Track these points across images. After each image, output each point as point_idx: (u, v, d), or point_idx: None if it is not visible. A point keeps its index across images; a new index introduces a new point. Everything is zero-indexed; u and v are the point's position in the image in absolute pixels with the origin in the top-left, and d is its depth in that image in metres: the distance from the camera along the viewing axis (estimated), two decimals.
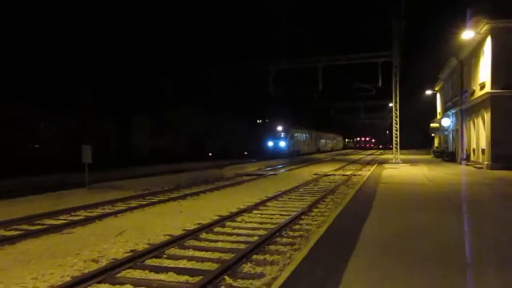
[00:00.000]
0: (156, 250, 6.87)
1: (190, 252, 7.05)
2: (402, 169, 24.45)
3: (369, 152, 72.24)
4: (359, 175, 21.70)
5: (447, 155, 32.54)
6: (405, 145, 73.91)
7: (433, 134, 45.39)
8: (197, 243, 7.65)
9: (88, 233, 8.40)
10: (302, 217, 10.00)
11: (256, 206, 11.50)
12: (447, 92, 36.22)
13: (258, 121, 52.30)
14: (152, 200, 13.00)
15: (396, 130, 29.58)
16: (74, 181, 17.10)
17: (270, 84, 31.69)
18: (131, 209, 11.32)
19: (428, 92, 45.09)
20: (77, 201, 12.59)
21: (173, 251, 7.07)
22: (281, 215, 10.38)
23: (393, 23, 27.62)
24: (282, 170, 26.10)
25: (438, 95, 44.31)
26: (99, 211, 11.28)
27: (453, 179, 18.35)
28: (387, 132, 76.55)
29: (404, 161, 30.89)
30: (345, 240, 6.99)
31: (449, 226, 8.02)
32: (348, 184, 17.87)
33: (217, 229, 8.76)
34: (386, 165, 28.17)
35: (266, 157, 41.58)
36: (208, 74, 33.29)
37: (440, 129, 36.80)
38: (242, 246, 7.34)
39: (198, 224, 9.03)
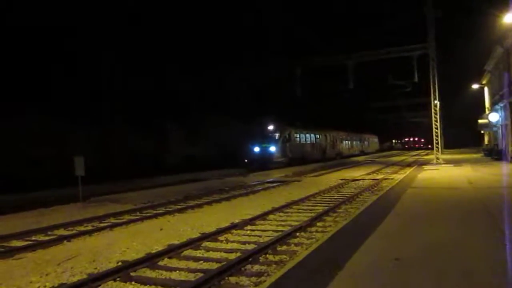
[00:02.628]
0: (86, 284, 5.57)
1: (130, 287, 5.70)
2: (442, 171, 22.10)
3: (415, 152, 68.50)
4: (391, 179, 19.65)
5: (496, 153, 29.52)
6: (454, 144, 69.93)
7: (482, 131, 41.92)
8: (147, 273, 6.31)
9: (36, 259, 7.27)
10: (298, 234, 8.42)
11: (252, 220, 10.02)
12: (495, 84, 33.07)
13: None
14: (145, 215, 11.81)
15: (437, 128, 27.06)
16: (87, 194, 16.27)
17: (297, 85, 30.10)
18: (112, 226, 10.17)
19: (475, 86, 41.70)
20: (65, 217, 11.61)
21: (110, 284, 5.74)
22: (274, 231, 8.86)
23: (427, 12, 25.28)
24: (310, 175, 24.37)
25: (486, 89, 40.88)
26: (79, 228, 10.19)
27: (499, 182, 16.03)
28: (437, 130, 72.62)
29: (448, 162, 28.26)
30: (324, 270, 5.42)
31: (474, 251, 6.18)
32: (374, 189, 15.98)
33: (186, 252, 7.38)
34: (426, 167, 25.77)
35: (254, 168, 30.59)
36: (231, 79, 32.10)
37: (489, 125, 33.63)
38: (200, 274, 5.92)
39: (168, 245, 7.67)
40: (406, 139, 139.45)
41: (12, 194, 17.78)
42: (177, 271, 6.28)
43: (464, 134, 73.30)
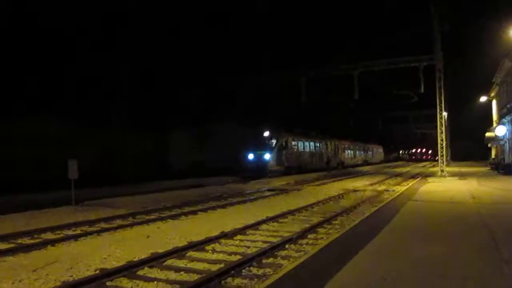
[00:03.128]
0: None
1: None
2: (447, 184, 21.65)
3: (422, 164, 67.81)
4: (393, 190, 19.29)
5: (503, 168, 28.99)
6: (461, 157, 69.15)
7: (489, 145, 41.33)
8: (123, 283, 6.07)
9: (14, 263, 7.07)
10: (287, 246, 8.13)
11: (244, 230, 9.75)
12: (503, 98, 32.61)
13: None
14: (136, 221, 11.59)
15: (442, 140, 26.64)
16: (84, 197, 16.09)
17: (302, 94, 29.84)
18: (100, 231, 9.94)
19: (483, 98, 41.19)
20: (55, 220, 11.43)
21: None
22: (264, 241, 8.58)
23: (434, 23, 24.99)
24: (312, 185, 24.03)
25: (494, 102, 40.35)
26: (66, 232, 10.00)
27: (503, 197, 15.53)
28: (444, 142, 71.57)
29: (453, 174, 27.81)
30: (307, 285, 5.14)
31: (466, 273, 5.86)
32: (373, 201, 15.63)
33: (169, 261, 7.13)
34: (430, 179, 25.35)
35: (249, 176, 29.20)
36: (237, 87, 31.92)
37: (496, 138, 33.11)
38: (177, 286, 5.66)
39: (152, 254, 7.40)
40: (414, 151, 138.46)
41: (11, 195, 17.64)
42: (155, 282, 6.03)
43: (472, 147, 72.60)
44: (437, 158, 66.32)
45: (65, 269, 6.60)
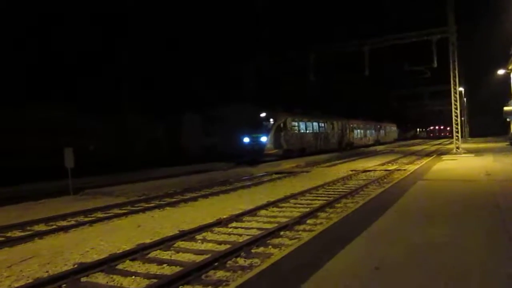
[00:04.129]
0: None
1: None
2: (461, 161, 20.87)
3: (439, 141, 66.27)
4: (404, 169, 18.62)
5: None
6: (480, 133, 67.48)
7: (508, 119, 39.96)
8: (99, 279, 5.72)
9: None
10: (282, 232, 7.69)
11: (240, 216, 9.34)
12: None
13: None
14: (133, 209, 11.27)
15: (456, 116, 25.69)
16: (85, 186, 15.91)
17: (310, 71, 29.05)
18: (94, 221, 9.65)
19: (501, 71, 39.64)
20: (51, 211, 11.16)
21: None
22: (259, 229, 8.15)
23: None
24: (322, 166, 23.49)
25: None
26: (60, 223, 9.72)
27: None
28: (462, 119, 69.51)
29: (469, 151, 26.91)
30: (291, 278, 4.72)
31: (469, 259, 5.33)
32: (383, 182, 15.07)
33: (154, 253, 6.76)
34: (445, 157, 24.55)
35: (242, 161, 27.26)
36: (242, 67, 31.20)
37: None
38: (155, 281, 5.27)
39: (138, 245, 7.04)
40: (431, 128, 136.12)
41: (16, 185, 17.52)
42: (132, 277, 5.66)
43: (492, 122, 70.79)
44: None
45: (42, 264, 6.27)
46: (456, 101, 25.43)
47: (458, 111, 25.66)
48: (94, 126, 31.67)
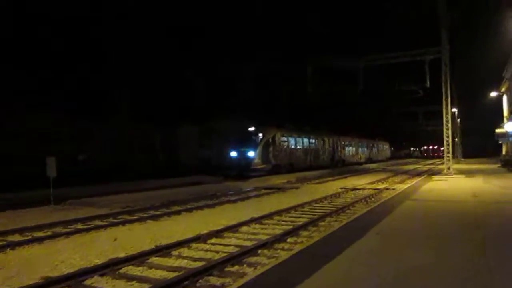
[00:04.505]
0: None
1: None
2: (451, 182, 20.78)
3: (432, 161, 66.42)
4: (393, 189, 18.48)
5: None
6: (473, 154, 67.69)
7: (500, 141, 40.08)
8: None
9: None
10: (260, 251, 7.51)
11: (221, 232, 9.15)
12: None
13: None
14: (114, 221, 11.07)
15: (448, 137, 25.68)
16: (68, 196, 15.64)
17: (309, 83, 29.06)
18: (71, 233, 9.43)
19: (494, 94, 39.96)
20: (28, 221, 10.94)
21: None
22: (237, 246, 7.97)
23: (440, 14, 24.03)
24: (312, 183, 23.35)
25: (504, 97, 39.14)
26: (37, 234, 9.48)
27: (507, 196, 14.70)
28: (456, 139, 69.60)
29: (461, 172, 26.88)
30: None
31: (446, 283, 5.19)
32: (370, 200, 14.92)
33: (125, 269, 6.57)
34: (436, 177, 24.47)
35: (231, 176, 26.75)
36: (240, 79, 31.24)
37: (506, 135, 32.00)
38: None
39: (110, 259, 6.83)
40: (425, 147, 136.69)
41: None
42: None
43: (484, 144, 71.15)
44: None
45: (8, 277, 6.06)
46: (448, 121, 25.45)
47: (450, 132, 25.67)
48: (89, 135, 31.46)
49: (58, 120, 28.71)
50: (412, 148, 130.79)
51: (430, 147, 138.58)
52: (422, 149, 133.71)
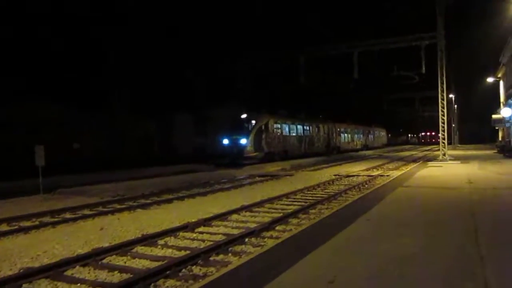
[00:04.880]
0: None
1: None
2: (446, 168, 20.70)
3: (429, 147, 66.36)
4: (387, 175, 18.39)
5: (508, 150, 27.90)
6: (470, 140, 67.68)
7: (496, 127, 40.04)
8: (41, 286, 5.36)
9: None
10: (246, 239, 7.41)
11: (210, 220, 9.04)
12: (509, 78, 31.32)
13: None
14: (103, 210, 10.95)
15: (443, 123, 25.59)
16: (59, 185, 15.51)
17: (301, 74, 28.82)
18: (57, 223, 9.30)
19: (490, 79, 39.76)
20: (17, 210, 10.81)
21: None
22: (224, 234, 7.85)
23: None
24: (307, 170, 23.24)
25: (501, 83, 38.96)
26: (24, 224, 9.37)
27: (502, 182, 14.58)
28: (453, 126, 69.46)
29: (457, 158, 26.83)
30: None
31: (434, 270, 5.09)
32: (363, 187, 14.84)
33: (109, 259, 6.45)
34: (431, 163, 24.41)
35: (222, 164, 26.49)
36: (234, 68, 30.87)
37: (502, 120, 31.91)
38: None
39: (94, 249, 6.73)
40: (423, 134, 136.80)
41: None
42: (77, 284, 5.34)
43: (481, 130, 71.11)
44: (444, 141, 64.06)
45: None
46: (443, 107, 25.32)
47: (445, 118, 25.56)
48: (83, 123, 31.29)
49: (52, 109, 28.57)
50: (409, 135, 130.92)
51: (428, 133, 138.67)
52: (420, 135, 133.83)
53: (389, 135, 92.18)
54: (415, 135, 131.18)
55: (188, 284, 5.19)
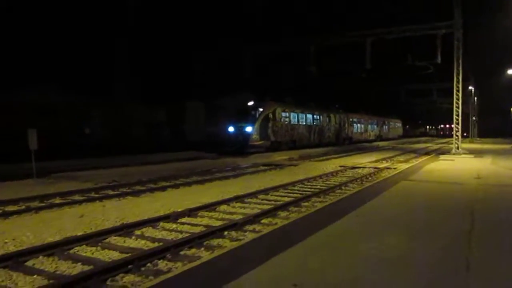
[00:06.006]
0: None
1: None
2: (457, 162, 20.01)
3: (445, 140, 64.90)
4: (394, 168, 17.78)
5: None
6: (490, 134, 65.98)
7: None
8: None
9: None
10: (226, 232, 7.06)
11: (196, 210, 8.73)
12: None
13: None
14: (93, 196, 10.75)
15: (458, 115, 24.75)
16: (55, 170, 15.43)
17: (311, 63, 28.13)
18: (42, 208, 9.11)
19: (511, 71, 38.43)
20: (9, 193, 10.66)
21: None
22: (206, 226, 7.53)
23: None
24: (313, 160, 22.76)
25: None
26: (11, 208, 9.14)
27: None
28: (473, 118, 67.69)
29: (470, 151, 26.02)
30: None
31: (417, 275, 4.68)
32: (366, 180, 14.33)
33: (77, 248, 6.18)
34: (443, 156, 23.69)
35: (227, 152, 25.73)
36: (241, 57, 30.30)
37: None
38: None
39: (66, 238, 6.48)
40: (441, 126, 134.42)
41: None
42: (34, 276, 5.07)
43: (502, 123, 69.33)
44: (465, 134, 62.05)
45: None
46: (458, 99, 24.49)
47: (460, 110, 24.72)
48: (94, 109, 31.37)
49: (64, 95, 28.67)
50: (428, 126, 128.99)
51: (447, 126, 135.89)
52: (439, 127, 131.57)
53: (407, 126, 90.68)
54: (434, 127, 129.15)
55: (148, 280, 4.86)
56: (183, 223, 7.83)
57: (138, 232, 7.10)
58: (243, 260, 5.23)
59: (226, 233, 7.00)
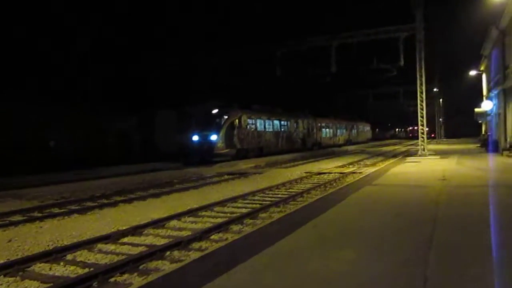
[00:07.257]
0: None
1: None
2: (423, 163, 19.88)
3: (414, 142, 65.65)
4: (360, 172, 17.49)
5: (489, 145, 27.23)
6: (456, 133, 67.34)
7: (480, 121, 39.47)
8: None
9: None
10: (168, 253, 6.42)
11: (143, 228, 8.05)
12: (491, 71, 30.61)
13: None
14: (37, 215, 9.90)
15: (422, 117, 24.81)
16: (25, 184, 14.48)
17: (278, 68, 27.81)
18: None
19: (473, 73, 39.13)
20: None
21: None
22: (149, 246, 6.85)
23: None
24: (279, 167, 22.29)
25: (484, 76, 38.32)
26: None
27: (478, 178, 13.75)
28: (440, 120, 68.93)
29: (436, 153, 26.11)
30: None
31: None
32: (330, 186, 13.92)
33: None
34: (409, 158, 23.63)
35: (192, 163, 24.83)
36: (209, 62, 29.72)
37: (484, 114, 31.25)
38: None
39: None
40: (410, 128, 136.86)
41: None
42: None
43: (466, 123, 70.82)
44: (433, 135, 62.95)
45: None
46: (422, 101, 24.58)
47: (424, 112, 24.79)
48: (57, 120, 29.93)
49: (25, 105, 27.26)
50: (397, 129, 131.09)
51: (415, 128, 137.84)
52: (407, 129, 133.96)
53: (377, 130, 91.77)
54: (402, 130, 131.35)
55: None
56: (123, 244, 7.14)
57: (69, 257, 6.37)
58: (180, 284, 4.63)
59: (168, 253, 6.35)
